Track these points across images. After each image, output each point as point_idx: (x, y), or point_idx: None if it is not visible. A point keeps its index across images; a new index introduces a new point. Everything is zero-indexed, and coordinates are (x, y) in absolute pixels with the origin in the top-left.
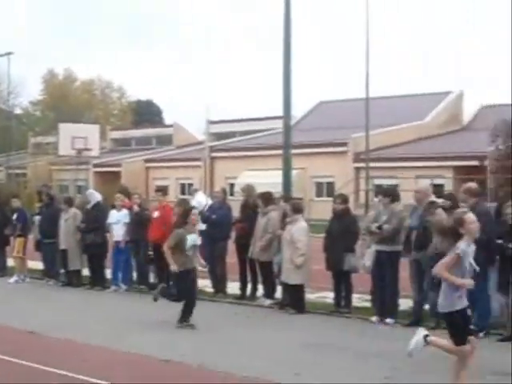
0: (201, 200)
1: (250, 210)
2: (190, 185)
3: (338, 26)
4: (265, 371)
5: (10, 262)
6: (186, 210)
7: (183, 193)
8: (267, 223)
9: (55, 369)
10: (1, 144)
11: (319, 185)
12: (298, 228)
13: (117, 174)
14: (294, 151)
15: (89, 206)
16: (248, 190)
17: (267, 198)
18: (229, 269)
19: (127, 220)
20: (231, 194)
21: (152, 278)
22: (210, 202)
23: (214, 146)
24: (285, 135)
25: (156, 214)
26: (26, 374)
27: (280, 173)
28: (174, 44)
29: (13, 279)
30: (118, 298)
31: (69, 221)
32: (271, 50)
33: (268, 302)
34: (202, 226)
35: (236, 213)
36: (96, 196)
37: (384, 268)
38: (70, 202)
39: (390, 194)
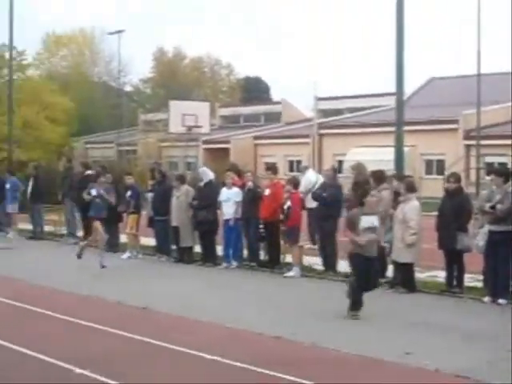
0: (311, 178)
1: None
2: (299, 162)
3: (450, 1)
4: (374, 349)
5: (123, 239)
6: (363, 190)
7: (291, 170)
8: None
9: (167, 343)
10: (111, 121)
11: (429, 162)
12: (411, 207)
13: (226, 151)
14: (405, 128)
15: (201, 184)
16: (358, 167)
17: (379, 176)
18: (339, 247)
19: (238, 198)
20: (339, 172)
21: (262, 256)
22: (320, 179)
23: (322, 122)
24: (397, 112)
25: (267, 192)
26: (139, 348)
27: (389, 150)
28: (280, 20)
29: (125, 255)
30: (229, 275)
31: (181, 198)
32: (380, 24)
33: (380, 280)
34: (313, 204)
35: (346, 190)
36: (209, 174)
37: (497, 248)
38: (182, 179)
39: (503, 173)
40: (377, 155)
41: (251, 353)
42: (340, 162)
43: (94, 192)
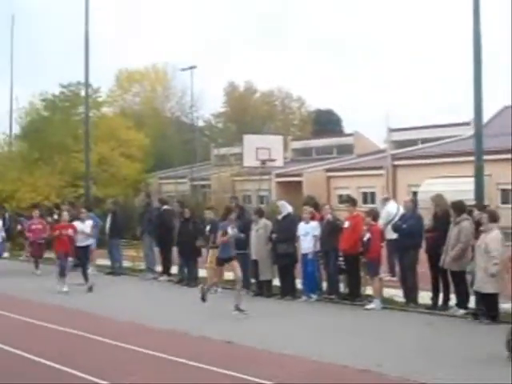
0: (391, 209)
1: (441, 219)
2: (372, 194)
3: None
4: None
5: (202, 273)
6: None
7: (365, 202)
8: (460, 232)
9: (255, 378)
10: (184, 156)
11: (504, 192)
12: (493, 237)
13: (298, 184)
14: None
15: (280, 217)
16: (438, 199)
17: (459, 207)
18: (419, 278)
19: (317, 232)
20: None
21: (342, 288)
22: (400, 210)
23: (395, 153)
24: (476, 142)
25: (347, 224)
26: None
27: (465, 180)
28: (349, 53)
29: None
30: (309, 308)
31: (260, 231)
32: (454, 53)
33: (461, 311)
34: (393, 235)
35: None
36: (287, 207)
37: None
38: (260, 213)
39: None
40: (452, 185)
41: None
42: (415, 193)
43: (230, 231)
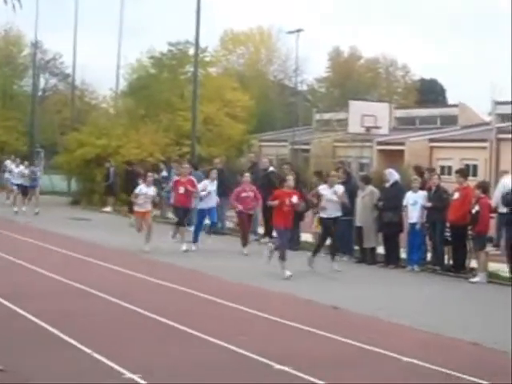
0: (507, 183)
1: None
2: (475, 166)
3: None
4: None
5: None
6: None
7: (467, 174)
8: None
9: (363, 344)
10: (285, 120)
11: None
12: None
13: (400, 153)
14: None
15: (387, 185)
16: None
17: None
18: None
19: (424, 202)
20: None
21: (447, 260)
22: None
23: (501, 127)
24: None
25: (456, 195)
26: (336, 348)
27: None
28: (459, 21)
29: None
30: (413, 278)
31: (365, 198)
32: None
33: None
34: (504, 209)
35: None
36: (395, 175)
37: None
38: (367, 180)
39: None
40: None
41: (451, 358)
42: None
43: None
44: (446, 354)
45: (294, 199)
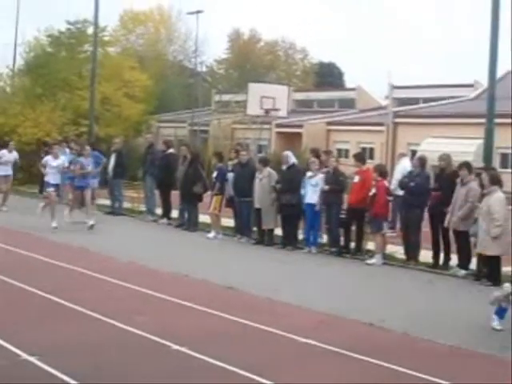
0: (406, 166)
1: (447, 179)
2: (371, 149)
3: None
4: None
5: (202, 218)
6: None
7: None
8: (468, 192)
9: (258, 324)
10: (185, 101)
11: (504, 156)
12: (496, 199)
13: (298, 136)
14: (481, 120)
15: (284, 167)
16: (446, 158)
17: (468, 167)
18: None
19: (322, 184)
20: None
21: (342, 242)
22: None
23: (397, 111)
24: (489, 104)
25: (356, 179)
26: (230, 327)
27: (464, 142)
28: (357, 6)
29: (211, 234)
30: (310, 259)
31: (264, 180)
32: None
33: (463, 272)
34: (400, 192)
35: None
36: (292, 157)
37: None
38: (265, 162)
39: None
40: (453, 146)
41: (345, 338)
42: (414, 152)
43: None
44: (343, 335)
45: None
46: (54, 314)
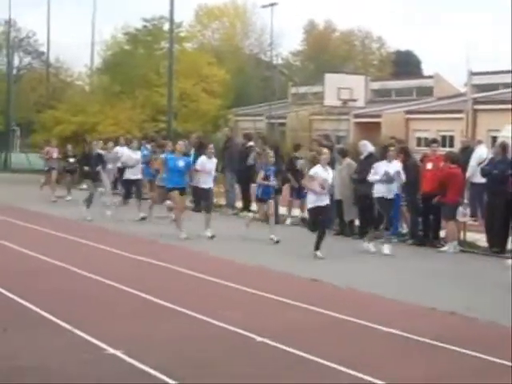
0: (482, 153)
1: None
2: (451, 137)
3: None
4: None
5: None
6: None
7: (444, 145)
8: None
9: (343, 315)
10: (262, 94)
11: None
12: None
13: (377, 125)
14: None
15: (362, 157)
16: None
17: None
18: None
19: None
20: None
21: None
22: (489, 155)
23: (476, 97)
24: None
25: (430, 166)
26: (316, 319)
27: None
28: None
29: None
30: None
31: (343, 171)
32: None
33: None
34: (477, 180)
35: None
36: (369, 147)
37: None
38: (343, 153)
39: None
40: None
41: (429, 328)
42: (494, 138)
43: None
44: (426, 324)
45: None
46: (146, 311)
